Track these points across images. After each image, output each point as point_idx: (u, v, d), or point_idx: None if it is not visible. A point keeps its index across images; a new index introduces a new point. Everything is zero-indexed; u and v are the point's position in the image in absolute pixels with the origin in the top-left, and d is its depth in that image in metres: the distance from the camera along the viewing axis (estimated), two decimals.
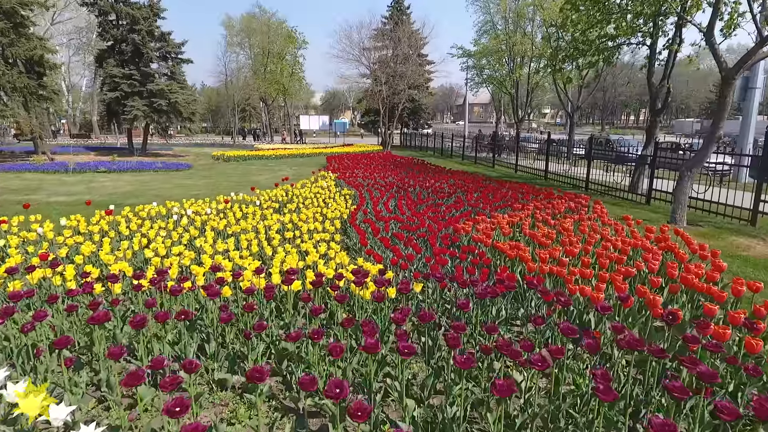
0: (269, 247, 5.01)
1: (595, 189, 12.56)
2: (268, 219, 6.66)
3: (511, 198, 8.58)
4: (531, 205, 6.94)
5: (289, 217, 6.71)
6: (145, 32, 22.68)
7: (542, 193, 9.44)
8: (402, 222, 6.23)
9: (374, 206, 7.55)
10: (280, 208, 8.16)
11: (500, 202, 8.08)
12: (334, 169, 14.50)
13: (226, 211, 7.49)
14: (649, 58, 11.90)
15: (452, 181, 11.69)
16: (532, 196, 8.93)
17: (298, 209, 7.80)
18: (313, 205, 8.20)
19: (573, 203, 7.62)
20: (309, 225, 6.04)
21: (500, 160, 19.64)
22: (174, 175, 15.11)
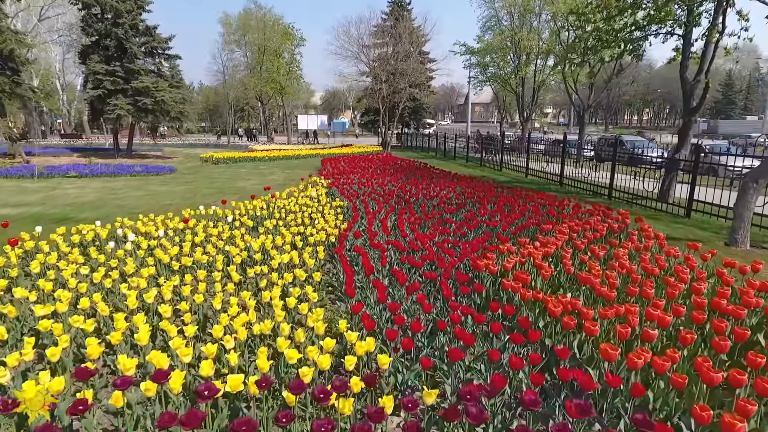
0: (221, 294, 3.63)
1: (619, 197, 11.18)
2: (235, 244, 5.29)
3: (533, 211, 7.19)
4: (564, 227, 5.55)
5: (260, 242, 5.32)
6: (128, 26, 21.30)
7: (565, 204, 8.06)
8: (403, 250, 4.85)
9: (369, 224, 6.17)
10: (255, 226, 6.78)
11: (522, 219, 6.69)
12: (328, 174, 13.12)
13: (186, 230, 6.11)
14: (682, 50, 10.51)
15: (459, 189, 10.31)
16: (557, 209, 7.55)
17: (277, 228, 6.42)
18: (297, 221, 6.83)
19: (614, 222, 6.23)
20: (283, 256, 4.65)
21: (507, 162, 18.26)
22: (152, 180, 13.74)
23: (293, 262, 4.70)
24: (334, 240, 5.78)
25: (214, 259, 4.74)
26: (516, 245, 5.03)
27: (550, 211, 7.21)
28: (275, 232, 6.33)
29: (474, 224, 6.14)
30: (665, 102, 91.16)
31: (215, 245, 5.32)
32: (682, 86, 10.66)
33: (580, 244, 4.79)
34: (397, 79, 30.95)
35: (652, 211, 9.78)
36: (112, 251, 5.18)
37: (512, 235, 5.73)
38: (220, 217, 7.23)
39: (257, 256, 4.75)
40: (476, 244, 4.86)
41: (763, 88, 78.63)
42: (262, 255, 5.01)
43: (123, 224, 6.33)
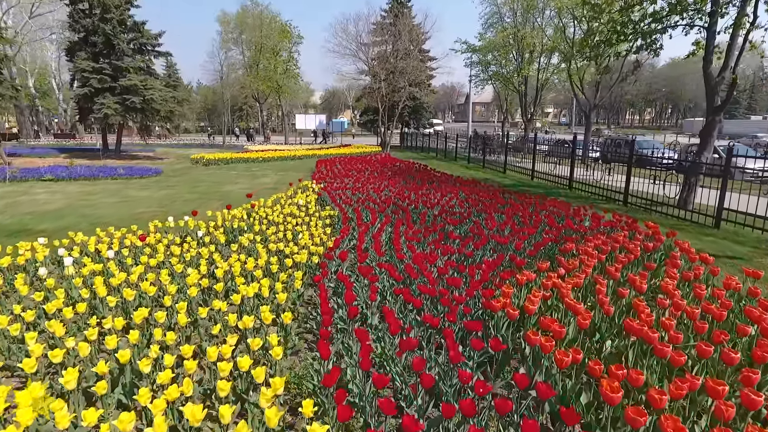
0: (156, 348, 2.75)
1: (635, 203, 10.29)
2: (199, 267, 4.41)
3: (548, 224, 6.31)
4: (589, 245, 4.67)
5: (228, 264, 4.45)
6: (116, 21, 20.42)
7: (581, 213, 7.18)
8: (398, 279, 3.97)
9: (360, 240, 5.29)
10: (230, 241, 5.90)
11: (537, 234, 5.81)
12: (322, 177, 12.24)
13: (146, 248, 5.23)
14: (706, 43, 9.63)
15: (463, 195, 9.43)
16: (575, 221, 6.67)
17: (255, 244, 5.53)
18: (279, 235, 5.96)
19: (646, 239, 5.34)
20: (249, 288, 3.76)
21: (511, 164, 17.37)
22: (133, 184, 12.86)
23: (262, 295, 3.82)
24: (318, 260, 4.90)
25: (165, 291, 3.86)
26: (535, 271, 4.16)
27: (567, 222, 6.32)
28: (251, 249, 5.45)
29: (481, 240, 5.25)
30: (667, 102, 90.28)
31: (172, 272, 4.45)
32: (706, 83, 9.77)
33: (613, 271, 3.91)
34: (396, 78, 30.05)
35: (674, 219, 8.89)
36: (43, 279, 4.30)
37: (528, 255, 4.85)
38: (191, 230, 6.34)
39: (218, 287, 3.86)
40: (487, 269, 3.98)
41: (767, 88, 77.77)
42: (224, 284, 4.13)
43: (72, 241, 5.46)
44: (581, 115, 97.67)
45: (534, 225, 6.14)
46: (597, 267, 4.35)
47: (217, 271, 4.16)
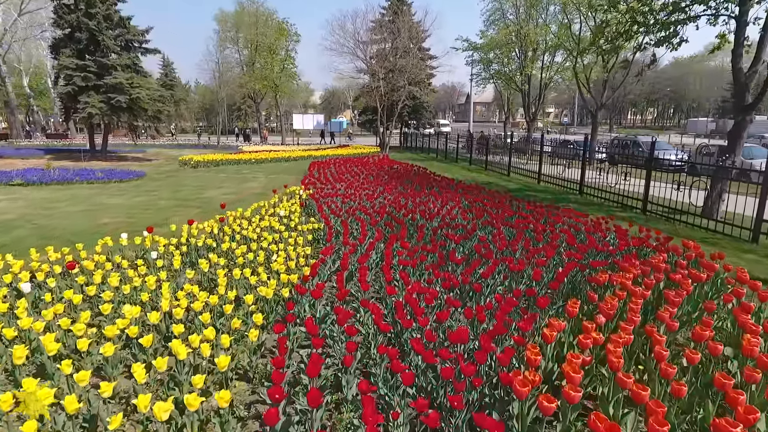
0: None
1: (655, 211, 9.34)
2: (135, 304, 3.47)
3: (568, 243, 5.36)
4: (627, 277, 3.72)
5: (168, 303, 3.50)
6: (101, 17, 19.47)
7: (602, 227, 6.24)
8: (384, 329, 3.03)
9: (343, 266, 4.35)
10: (188, 264, 4.96)
11: (557, 257, 4.87)
12: (312, 182, 11.29)
13: (79, 275, 4.28)
14: (735, 35, 8.68)
15: (466, 203, 8.48)
16: (599, 238, 5.72)
17: (216, 270, 4.58)
18: (250, 255, 5.02)
19: (692, 265, 4.38)
20: (181, 348, 2.81)
21: (515, 165, 16.42)
22: (109, 189, 11.92)
23: (202, 354, 2.86)
24: (290, 293, 3.95)
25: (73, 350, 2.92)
26: (564, 317, 3.22)
27: (589, 240, 5.36)
28: (205, 280, 4.52)
29: (490, 267, 4.30)
30: (670, 102, 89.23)
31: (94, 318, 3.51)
32: (735, 80, 8.82)
33: (668, 318, 2.96)
34: (395, 77, 29.08)
35: (701, 231, 7.94)
36: None
37: (549, 288, 3.90)
38: (147, 249, 5.39)
39: (146, 341, 2.91)
40: (501, 315, 3.03)
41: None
42: (154, 337, 3.17)
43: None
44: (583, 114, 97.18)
45: (551, 243, 5.18)
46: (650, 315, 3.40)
47: (150, 316, 3.20)
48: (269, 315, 3.76)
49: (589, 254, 4.96)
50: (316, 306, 3.71)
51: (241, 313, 3.69)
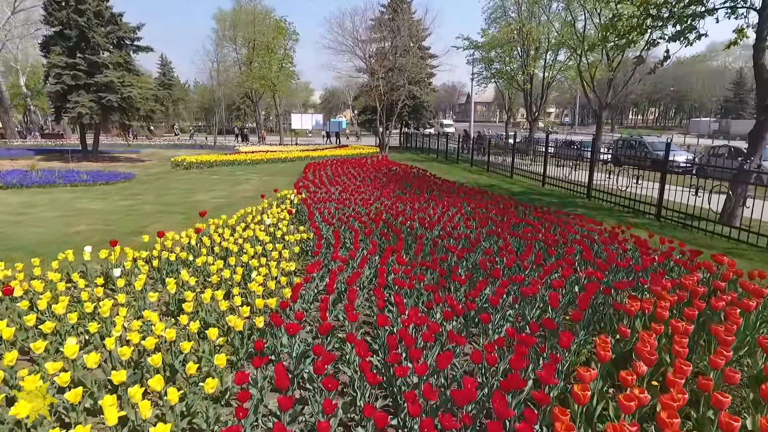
0: None
1: (669, 216, 8.76)
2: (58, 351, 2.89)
3: (584, 258, 4.78)
4: (663, 306, 3.14)
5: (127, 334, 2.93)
6: (91, 13, 18.89)
7: (618, 238, 5.66)
8: (373, 381, 2.45)
9: (329, 288, 3.77)
10: (147, 287, 4.39)
11: (574, 276, 4.30)
12: (305, 185, 10.72)
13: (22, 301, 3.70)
14: (757, 29, 8.09)
15: (468, 210, 7.90)
16: (619, 252, 5.14)
17: (176, 299, 4.01)
18: (226, 273, 4.44)
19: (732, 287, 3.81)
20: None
21: (518, 167, 15.85)
22: (92, 192, 11.35)
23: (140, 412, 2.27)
24: (264, 322, 3.37)
25: None
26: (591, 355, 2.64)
27: (609, 255, 4.77)
28: (173, 302, 3.94)
29: (499, 289, 3.72)
30: (671, 101, 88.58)
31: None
32: (757, 76, 8.24)
33: (729, 373, 2.38)
34: (395, 76, 28.48)
35: (724, 240, 7.35)
36: None
37: (571, 320, 3.33)
38: (114, 265, 4.81)
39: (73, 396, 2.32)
40: (516, 361, 2.45)
41: None
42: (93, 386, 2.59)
43: None
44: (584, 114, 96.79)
45: (566, 259, 4.60)
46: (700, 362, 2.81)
47: (88, 359, 2.61)
48: (239, 351, 3.19)
49: (613, 273, 4.38)
50: (294, 341, 3.12)
51: (206, 350, 3.11)
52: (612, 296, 3.82)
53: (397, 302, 3.39)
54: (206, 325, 3.71)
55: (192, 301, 3.62)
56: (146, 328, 3.36)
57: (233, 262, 4.77)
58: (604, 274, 4.26)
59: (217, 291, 3.80)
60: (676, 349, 2.53)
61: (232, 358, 3.19)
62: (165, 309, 4.11)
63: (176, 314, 3.82)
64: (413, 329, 3.13)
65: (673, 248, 5.23)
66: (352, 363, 2.93)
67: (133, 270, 4.75)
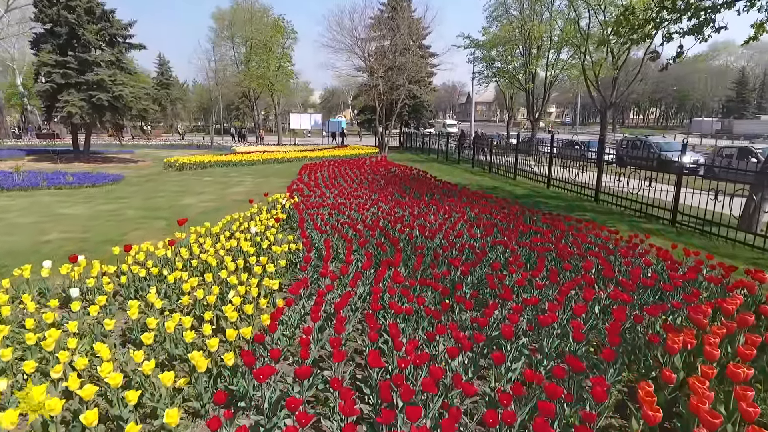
0: None
1: (687, 222, 8.22)
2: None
3: (604, 274, 4.26)
4: (713, 344, 2.62)
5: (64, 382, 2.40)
6: (82, 10, 18.36)
7: (636, 251, 5.14)
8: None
9: (314, 314, 3.24)
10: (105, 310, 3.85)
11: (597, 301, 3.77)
12: (299, 188, 10.19)
13: None
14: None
15: (471, 215, 7.38)
16: (641, 265, 4.61)
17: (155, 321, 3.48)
18: (200, 293, 3.91)
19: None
20: None
21: (522, 168, 15.32)
22: (77, 195, 10.82)
23: None
24: (234, 360, 2.85)
25: None
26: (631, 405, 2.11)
27: (633, 273, 4.23)
28: (137, 329, 3.41)
29: (513, 316, 3.19)
30: (674, 101, 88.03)
31: None
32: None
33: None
34: (395, 75, 27.92)
35: (747, 249, 6.81)
36: None
37: (601, 358, 2.79)
38: (75, 282, 4.28)
39: None
40: (540, 428, 1.93)
41: None
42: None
43: None
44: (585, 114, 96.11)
45: (584, 276, 4.07)
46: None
47: (4, 417, 2.09)
48: (202, 396, 2.66)
49: (640, 293, 3.85)
50: (267, 388, 2.59)
51: (162, 396, 2.58)
52: (646, 326, 3.29)
53: (393, 335, 2.85)
54: (171, 357, 3.19)
55: (154, 331, 3.09)
56: (93, 367, 2.83)
57: (210, 279, 4.23)
58: (630, 293, 3.73)
59: (186, 317, 3.27)
60: (744, 408, 2.00)
61: (194, 404, 2.66)
62: (128, 335, 3.58)
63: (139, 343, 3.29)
64: (412, 369, 2.60)
65: (700, 261, 4.71)
66: (336, 417, 2.40)
67: (97, 288, 4.22)
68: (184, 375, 3.01)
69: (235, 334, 3.02)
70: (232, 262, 4.55)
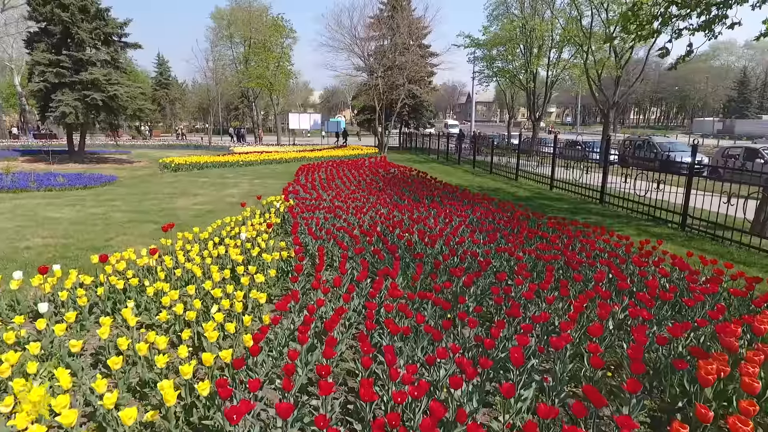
0: None
1: (696, 225, 7.90)
2: None
3: (620, 287, 3.94)
4: (751, 375, 2.31)
5: None
6: (76, 8, 18.03)
7: (647, 258, 4.83)
8: None
9: (302, 335, 2.92)
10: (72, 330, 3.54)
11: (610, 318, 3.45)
12: (295, 190, 9.88)
13: None
14: None
15: (473, 218, 7.07)
16: (657, 275, 4.30)
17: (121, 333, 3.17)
18: (179, 307, 3.59)
19: None
20: None
21: (524, 169, 15.01)
22: (65, 197, 10.49)
23: None
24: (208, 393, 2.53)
25: None
26: None
27: (650, 285, 3.91)
28: (111, 347, 3.10)
29: (522, 337, 2.88)
30: (674, 101, 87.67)
31: None
32: None
33: None
34: (394, 74, 27.60)
35: (763, 256, 6.49)
36: None
37: (628, 391, 2.47)
38: (46, 295, 3.96)
39: None
40: None
41: None
42: None
43: None
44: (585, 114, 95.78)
45: (597, 289, 3.75)
46: None
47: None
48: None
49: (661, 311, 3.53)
50: (244, 425, 2.27)
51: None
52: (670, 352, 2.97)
53: (389, 362, 2.53)
54: (143, 383, 2.88)
55: (125, 353, 2.78)
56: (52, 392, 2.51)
57: (192, 291, 3.92)
58: (651, 309, 3.41)
59: (160, 337, 2.96)
60: None
61: None
62: (102, 355, 3.27)
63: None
64: (408, 408, 2.28)
65: (720, 271, 4.40)
66: None
67: (72, 301, 3.90)
68: (157, 403, 2.70)
69: (212, 359, 2.70)
70: (219, 272, 4.24)
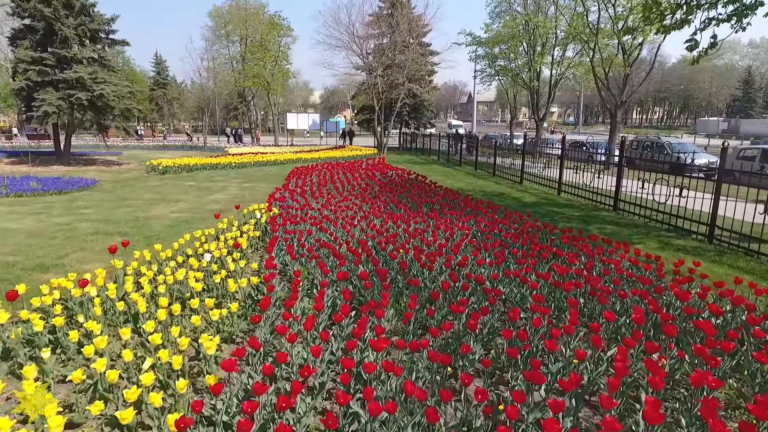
0: None
1: (726, 238, 7.06)
2: None
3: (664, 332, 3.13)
4: None
5: None
6: (59, 3, 17.22)
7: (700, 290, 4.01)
8: None
9: (244, 411, 2.11)
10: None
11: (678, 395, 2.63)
12: (282, 196, 9.07)
13: None
14: None
15: (476, 231, 6.25)
16: (707, 313, 3.48)
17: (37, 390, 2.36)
18: (124, 338, 2.79)
19: None
20: None
21: (529, 172, 14.17)
22: (35, 204, 9.69)
23: None
24: None
25: None
26: None
27: (705, 328, 3.10)
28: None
29: (549, 424, 2.07)
30: (678, 100, 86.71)
31: None
32: None
33: None
34: (394, 73, 26.75)
35: None
36: None
37: None
38: None
39: None
40: None
41: None
42: None
43: None
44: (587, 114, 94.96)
45: (635, 334, 2.94)
46: None
47: None
48: None
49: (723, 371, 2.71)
50: None
51: None
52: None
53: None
54: None
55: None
56: None
57: (127, 336, 3.11)
58: (702, 357, 2.59)
59: (55, 418, 2.15)
60: None
61: None
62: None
63: None
64: None
65: None
66: None
67: None
68: None
69: None
70: (164, 309, 3.43)
